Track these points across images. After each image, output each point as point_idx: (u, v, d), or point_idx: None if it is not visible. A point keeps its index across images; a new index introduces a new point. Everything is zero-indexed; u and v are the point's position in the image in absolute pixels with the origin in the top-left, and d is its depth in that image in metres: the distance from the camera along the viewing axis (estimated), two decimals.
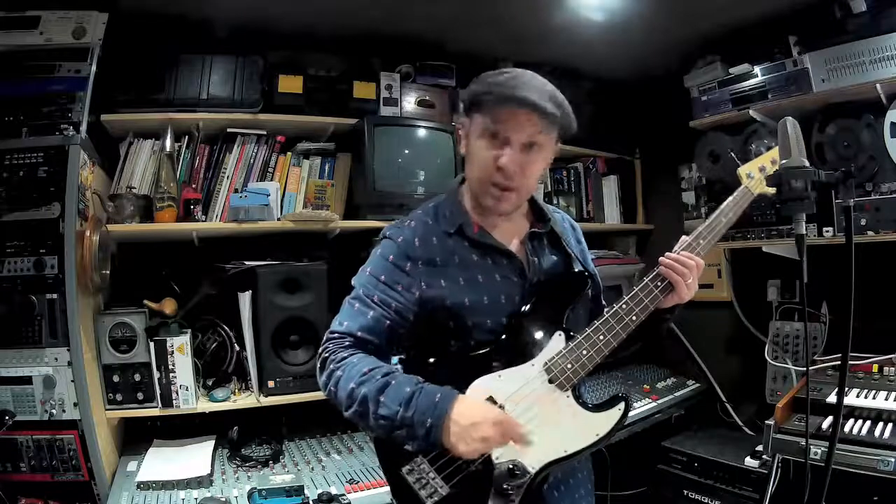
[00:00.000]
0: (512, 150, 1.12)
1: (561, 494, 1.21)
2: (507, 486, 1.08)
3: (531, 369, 1.13)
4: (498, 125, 1.12)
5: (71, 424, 1.67)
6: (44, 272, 1.67)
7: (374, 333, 1.14)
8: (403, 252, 1.18)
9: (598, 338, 1.14)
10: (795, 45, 2.21)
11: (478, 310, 1.16)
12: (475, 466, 1.08)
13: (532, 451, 1.09)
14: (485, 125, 1.13)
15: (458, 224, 1.21)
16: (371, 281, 1.17)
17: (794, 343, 2.38)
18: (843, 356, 1.15)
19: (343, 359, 1.11)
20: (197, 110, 2.05)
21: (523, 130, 1.11)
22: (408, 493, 1.09)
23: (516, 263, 1.21)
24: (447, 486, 1.08)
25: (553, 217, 1.31)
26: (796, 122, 1.16)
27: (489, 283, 1.18)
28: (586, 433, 1.13)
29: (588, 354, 1.13)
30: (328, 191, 2.24)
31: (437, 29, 2.32)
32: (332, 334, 1.16)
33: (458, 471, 1.08)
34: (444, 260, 1.18)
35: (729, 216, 1.27)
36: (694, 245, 1.22)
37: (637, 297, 1.17)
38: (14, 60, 1.78)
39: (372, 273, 1.18)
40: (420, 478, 1.08)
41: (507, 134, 1.12)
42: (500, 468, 1.08)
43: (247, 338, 1.99)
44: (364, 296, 1.16)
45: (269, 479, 1.67)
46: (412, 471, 1.09)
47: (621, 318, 1.15)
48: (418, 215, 1.26)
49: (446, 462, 1.08)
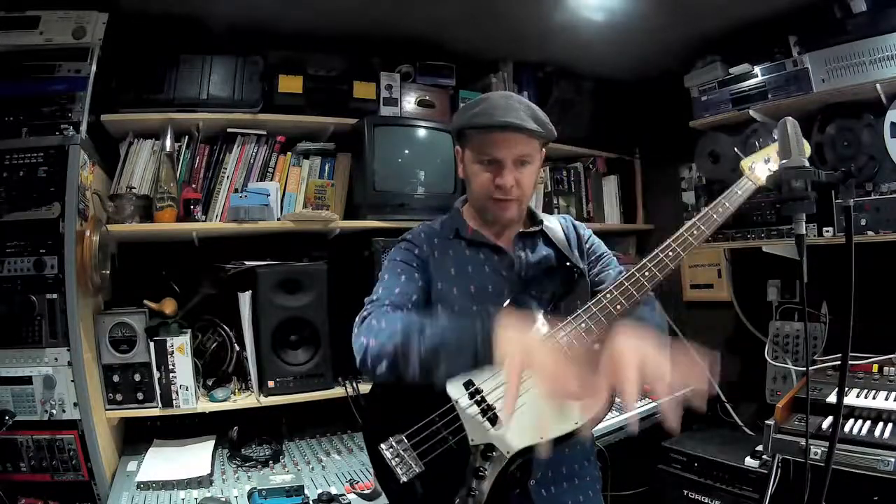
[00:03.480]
0: (506, 169, 1.23)
1: (550, 495, 1.21)
2: (481, 467, 1.09)
3: None
4: (488, 151, 1.24)
5: (71, 424, 1.67)
6: (44, 272, 1.67)
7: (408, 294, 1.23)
8: (412, 244, 1.34)
9: (579, 325, 1.13)
10: (795, 45, 2.21)
11: (465, 296, 1.26)
12: (450, 446, 1.10)
13: (508, 435, 1.10)
14: (476, 154, 1.26)
15: (455, 228, 1.35)
16: (391, 263, 1.31)
17: (794, 343, 2.38)
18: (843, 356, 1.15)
19: (383, 314, 1.16)
20: (197, 110, 2.05)
21: (512, 150, 1.23)
22: (385, 469, 1.12)
23: (506, 258, 1.31)
24: (422, 462, 1.10)
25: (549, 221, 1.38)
26: (796, 122, 1.16)
27: (478, 274, 1.29)
28: (565, 420, 1.10)
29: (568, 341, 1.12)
30: (328, 191, 2.24)
31: (437, 29, 2.32)
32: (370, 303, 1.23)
33: (433, 448, 1.10)
34: (441, 255, 1.31)
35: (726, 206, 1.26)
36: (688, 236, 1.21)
37: (622, 286, 1.16)
38: (14, 60, 1.78)
39: (391, 258, 1.33)
40: (397, 454, 1.11)
41: (497, 157, 1.23)
42: (475, 448, 1.10)
43: (247, 338, 1.99)
44: (388, 272, 1.29)
45: (269, 479, 1.66)
46: (390, 447, 1.12)
47: (604, 306, 1.15)
48: (427, 224, 1.41)
49: (423, 439, 1.11)
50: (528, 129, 1.20)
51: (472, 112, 1.24)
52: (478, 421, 1.11)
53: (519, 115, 1.20)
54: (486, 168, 1.25)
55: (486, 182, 1.25)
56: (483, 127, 1.22)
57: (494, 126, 1.20)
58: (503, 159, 1.23)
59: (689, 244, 1.21)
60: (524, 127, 1.19)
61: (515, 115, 1.20)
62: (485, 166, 1.25)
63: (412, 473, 1.10)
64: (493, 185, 1.24)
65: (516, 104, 1.23)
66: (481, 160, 1.25)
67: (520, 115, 1.20)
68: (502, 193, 1.24)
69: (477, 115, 1.23)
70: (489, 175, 1.25)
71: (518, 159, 1.23)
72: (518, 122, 1.19)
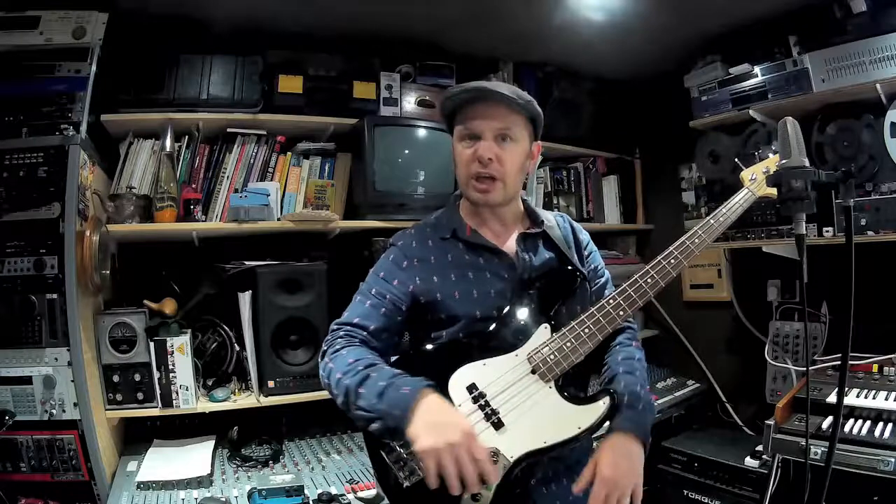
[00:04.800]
0: (484, 141, 1.21)
1: (551, 493, 1.21)
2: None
3: (514, 359, 1.16)
4: (468, 124, 1.22)
5: (71, 424, 1.67)
6: (44, 272, 1.67)
7: (369, 319, 1.22)
8: (402, 253, 1.29)
9: (583, 330, 1.16)
10: (795, 45, 2.21)
11: (467, 302, 1.22)
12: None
13: (511, 439, 1.10)
14: (459, 131, 1.25)
15: (452, 228, 1.30)
16: (373, 277, 1.28)
17: (794, 343, 2.38)
18: (843, 356, 1.15)
19: (336, 351, 1.18)
20: (197, 110, 2.05)
21: (492, 122, 1.21)
22: (388, 473, 1.12)
23: (506, 261, 1.27)
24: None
25: (549, 220, 1.35)
26: (796, 122, 1.16)
27: (479, 279, 1.25)
28: (568, 426, 1.13)
29: (571, 346, 1.15)
30: (328, 191, 2.24)
31: (437, 29, 2.32)
32: (333, 327, 1.25)
33: None
34: (438, 259, 1.27)
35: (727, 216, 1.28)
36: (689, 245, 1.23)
37: (625, 292, 1.19)
38: (14, 60, 1.78)
39: (374, 271, 1.30)
40: (399, 458, 1.10)
41: (478, 130, 1.22)
42: None
43: (247, 338, 1.99)
44: (365, 290, 1.27)
45: (269, 479, 1.67)
46: (392, 451, 1.11)
47: (608, 311, 1.18)
48: (419, 224, 1.36)
49: None
50: (509, 98, 1.18)
51: (455, 90, 1.24)
52: (481, 424, 1.11)
53: (503, 88, 1.20)
54: (467, 145, 1.23)
55: (467, 159, 1.23)
56: (457, 97, 1.22)
57: (474, 95, 1.20)
58: (482, 132, 1.21)
59: (690, 252, 1.23)
60: (504, 95, 1.18)
61: (498, 87, 1.20)
62: (466, 143, 1.23)
63: (415, 478, 1.08)
64: (473, 159, 1.22)
65: (498, 83, 1.22)
66: (462, 136, 1.24)
67: (497, 86, 1.20)
68: (481, 165, 1.21)
69: (459, 91, 1.22)
70: (471, 153, 1.22)
71: (499, 133, 1.21)
72: (498, 90, 1.18)
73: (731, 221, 1.28)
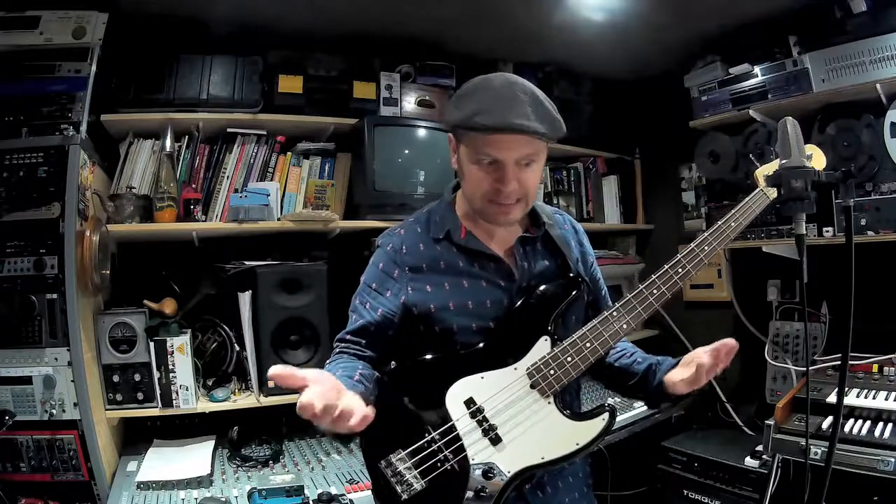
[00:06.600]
0: (508, 172, 1.10)
1: (547, 496, 1.19)
2: (482, 487, 1.08)
3: (514, 373, 1.13)
4: (487, 151, 1.10)
5: (71, 424, 1.67)
6: (44, 272, 1.67)
7: (361, 335, 1.19)
8: (391, 259, 1.22)
9: (585, 345, 1.11)
10: (795, 45, 2.22)
11: (462, 314, 1.16)
12: (451, 465, 1.08)
13: (509, 455, 1.09)
14: (474, 153, 1.12)
15: (445, 230, 1.22)
16: (364, 288, 1.23)
17: (794, 343, 2.38)
18: (843, 356, 1.15)
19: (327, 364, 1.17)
20: (197, 110, 2.05)
21: (514, 152, 1.09)
22: (385, 487, 1.09)
23: (504, 268, 1.20)
24: (422, 481, 1.08)
25: (553, 220, 1.28)
26: (796, 122, 1.16)
27: (474, 288, 1.18)
28: (566, 442, 1.11)
29: (573, 361, 1.11)
30: (328, 191, 2.24)
31: (437, 29, 2.32)
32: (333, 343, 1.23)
33: (433, 468, 1.08)
34: (431, 266, 1.19)
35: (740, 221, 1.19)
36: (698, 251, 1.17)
37: (629, 304, 1.13)
38: (14, 60, 1.78)
39: (365, 281, 1.24)
40: (396, 472, 1.08)
41: (499, 158, 1.09)
42: (476, 468, 1.08)
43: (247, 338, 1.98)
44: (358, 303, 1.23)
45: (269, 479, 1.67)
46: (389, 465, 1.09)
47: (610, 325, 1.12)
48: (409, 223, 1.28)
49: (423, 458, 1.08)
50: (536, 131, 1.06)
51: (472, 109, 1.08)
52: (479, 440, 1.10)
53: (524, 111, 1.06)
54: (484, 169, 1.11)
55: (485, 184, 1.12)
56: (485, 128, 1.06)
57: (498, 128, 1.05)
58: (504, 160, 1.09)
59: (700, 261, 1.15)
60: (532, 129, 1.05)
61: (520, 111, 1.05)
62: (483, 167, 1.11)
63: (412, 492, 1.07)
64: (492, 189, 1.11)
65: (521, 95, 1.08)
66: (479, 160, 1.11)
67: (525, 113, 1.06)
68: (504, 197, 1.11)
69: (478, 114, 1.06)
70: (488, 177, 1.11)
71: (521, 160, 1.10)
72: (524, 122, 1.05)
73: (743, 227, 1.19)
